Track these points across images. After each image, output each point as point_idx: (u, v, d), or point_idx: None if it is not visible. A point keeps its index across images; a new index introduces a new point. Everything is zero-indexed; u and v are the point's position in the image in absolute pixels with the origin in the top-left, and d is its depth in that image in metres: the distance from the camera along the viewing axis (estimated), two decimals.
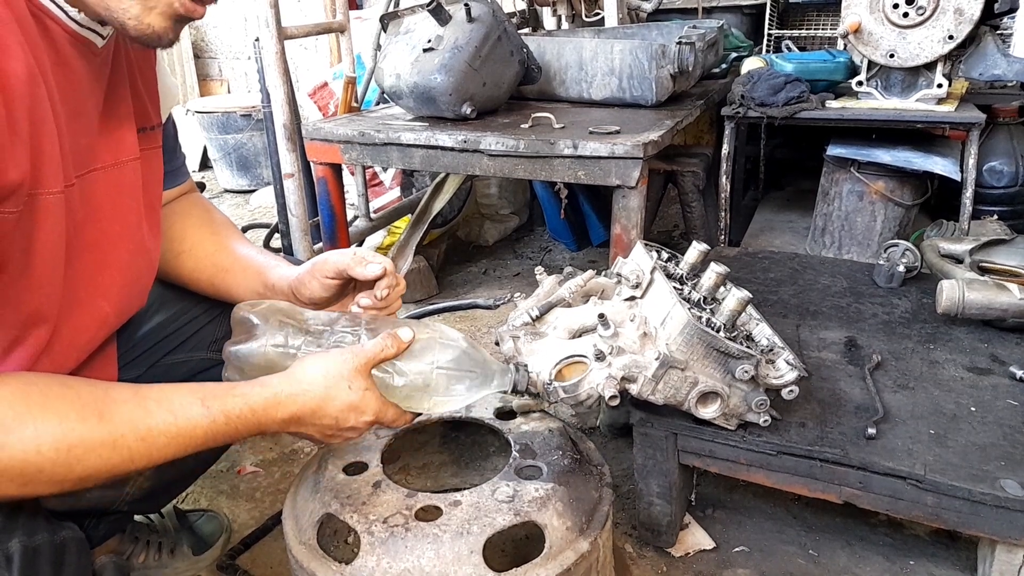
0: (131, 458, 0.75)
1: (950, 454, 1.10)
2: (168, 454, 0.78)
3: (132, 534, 1.31)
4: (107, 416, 0.74)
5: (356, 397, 0.87)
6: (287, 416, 0.85)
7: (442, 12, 1.80)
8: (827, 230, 2.29)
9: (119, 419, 0.75)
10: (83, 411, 0.73)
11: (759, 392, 1.13)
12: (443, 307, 2.35)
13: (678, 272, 1.32)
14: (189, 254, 1.11)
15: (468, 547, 0.91)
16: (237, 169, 4.11)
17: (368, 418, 0.88)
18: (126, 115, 0.91)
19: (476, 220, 3.07)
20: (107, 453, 0.73)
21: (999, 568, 1.08)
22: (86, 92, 0.82)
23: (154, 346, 1.12)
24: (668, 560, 1.32)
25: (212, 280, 1.10)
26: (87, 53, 0.80)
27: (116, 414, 0.75)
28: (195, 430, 0.79)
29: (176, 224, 1.11)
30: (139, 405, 0.77)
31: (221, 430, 0.80)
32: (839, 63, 2.26)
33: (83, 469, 0.72)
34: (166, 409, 0.78)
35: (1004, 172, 2.29)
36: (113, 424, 0.74)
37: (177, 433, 0.78)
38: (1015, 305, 1.39)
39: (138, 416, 0.76)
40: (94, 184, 0.85)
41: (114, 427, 0.74)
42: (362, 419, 0.88)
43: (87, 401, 0.74)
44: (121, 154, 0.90)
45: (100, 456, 0.73)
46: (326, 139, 1.87)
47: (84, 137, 0.82)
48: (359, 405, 0.87)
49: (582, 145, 1.58)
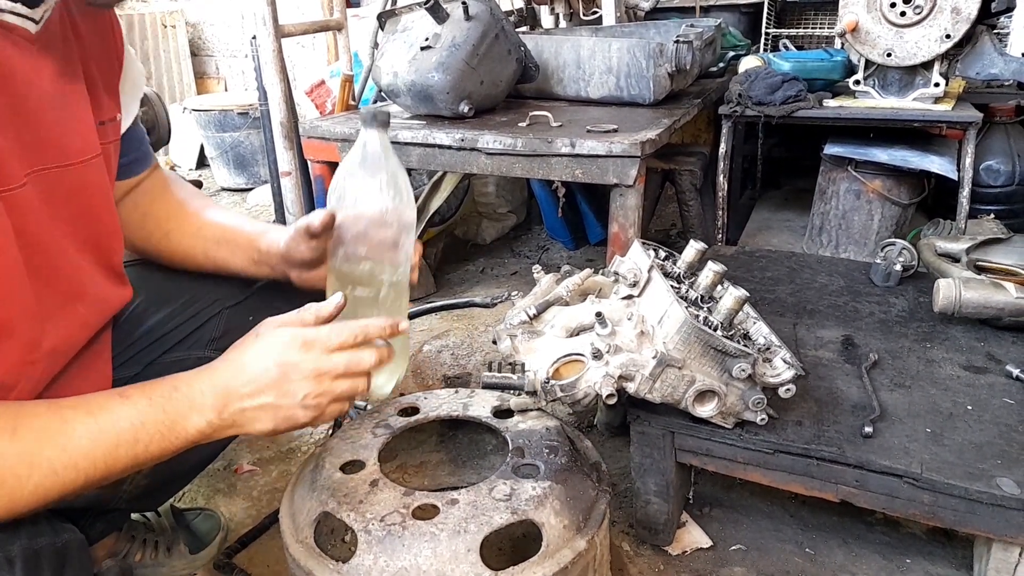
0: (55, 471, 0.72)
1: (947, 452, 1.10)
2: (101, 457, 0.74)
3: (129, 532, 1.31)
4: (19, 433, 0.71)
5: (275, 334, 0.84)
6: (215, 384, 0.82)
7: (440, 10, 1.80)
8: (824, 229, 2.29)
9: (32, 434, 0.71)
10: None
11: (756, 391, 1.13)
12: (440, 305, 2.35)
13: (675, 271, 1.32)
14: (177, 232, 1.12)
15: (465, 545, 0.91)
16: (234, 167, 4.10)
17: (293, 352, 0.83)
18: (82, 109, 0.86)
19: (474, 218, 3.07)
20: (26, 471, 0.70)
21: (995, 566, 1.09)
22: (22, 85, 0.76)
23: (151, 345, 1.11)
24: (665, 558, 1.32)
25: (206, 254, 1.11)
26: (19, 40, 0.75)
27: (29, 429, 0.71)
28: (118, 422, 0.75)
29: (155, 205, 1.12)
30: (54, 415, 0.74)
31: (149, 416, 0.77)
32: (836, 62, 2.27)
33: (7, 491, 0.69)
34: (83, 411, 0.75)
35: (1001, 171, 2.29)
36: (25, 441, 0.71)
37: (99, 431, 0.74)
38: (1011, 304, 1.39)
39: (53, 425, 0.73)
40: (53, 182, 0.80)
41: (26, 443, 0.71)
42: (313, 352, 0.83)
43: None
44: (85, 151, 0.86)
45: (18, 475, 0.70)
46: (323, 137, 1.87)
47: (28, 134, 0.77)
48: (277, 340, 0.84)
49: (580, 144, 1.58)
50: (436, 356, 2.15)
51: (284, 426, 0.85)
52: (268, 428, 0.84)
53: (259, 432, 0.84)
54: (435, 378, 2.03)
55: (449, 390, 1.29)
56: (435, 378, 2.03)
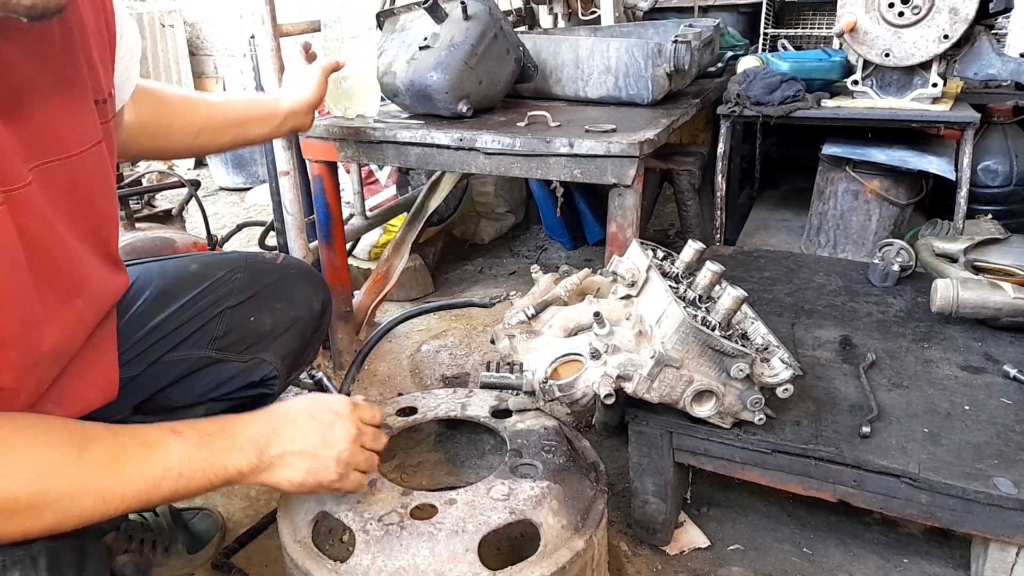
0: (104, 499, 0.76)
1: (944, 452, 1.11)
2: (145, 490, 0.79)
3: (127, 532, 1.31)
4: (83, 457, 0.76)
5: (315, 397, 0.96)
6: (260, 426, 0.89)
7: (438, 10, 1.79)
8: (822, 229, 2.29)
9: (95, 461, 0.76)
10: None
11: (754, 391, 1.13)
12: (438, 305, 2.34)
13: (674, 271, 1.33)
14: (205, 131, 1.26)
15: (463, 545, 0.91)
16: (232, 167, 4.09)
17: (340, 408, 0.95)
18: (81, 97, 0.84)
19: (472, 218, 3.07)
20: (80, 495, 0.75)
21: (992, 566, 1.09)
22: (19, 78, 0.74)
23: (153, 344, 1.11)
24: (663, 558, 1.32)
25: (235, 138, 1.33)
26: (10, 31, 0.72)
27: (92, 454, 0.77)
28: (169, 457, 0.80)
29: (175, 111, 1.22)
30: (115, 443, 0.79)
31: (196, 453, 0.82)
32: (835, 62, 2.27)
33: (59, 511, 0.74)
34: (140, 443, 0.80)
35: (998, 171, 2.29)
36: (87, 466, 0.76)
37: (151, 464, 0.79)
38: (1009, 304, 1.39)
39: (113, 454, 0.78)
40: (54, 175, 0.79)
41: (88, 469, 0.76)
42: (338, 412, 0.94)
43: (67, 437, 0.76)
44: (85, 140, 0.84)
45: (73, 497, 0.75)
46: (322, 137, 1.87)
47: (28, 129, 0.76)
48: (323, 400, 0.96)
49: (578, 143, 1.58)
50: (434, 356, 2.15)
51: (312, 480, 0.90)
52: (298, 479, 0.90)
53: (289, 481, 0.89)
54: (433, 378, 2.03)
55: (447, 390, 1.29)
56: (433, 378, 2.03)
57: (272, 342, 1.20)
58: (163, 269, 1.16)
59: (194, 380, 1.15)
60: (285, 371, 1.24)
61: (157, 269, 1.16)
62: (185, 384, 1.14)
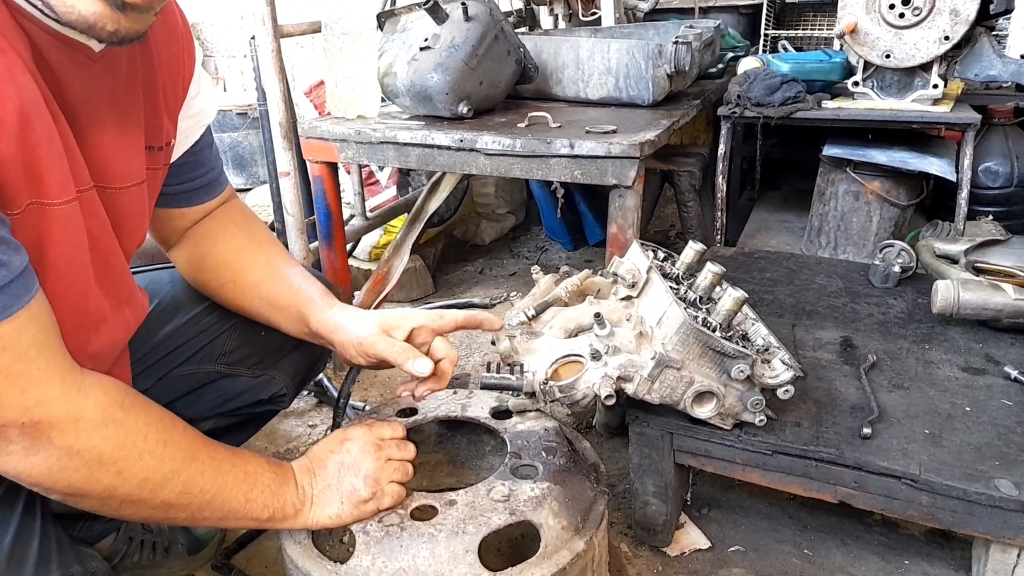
0: (170, 504, 0.82)
1: (945, 454, 1.10)
2: (213, 514, 0.86)
3: (126, 534, 1.31)
4: (199, 457, 0.85)
5: (332, 434, 1.02)
6: (305, 461, 0.97)
7: (439, 11, 1.79)
8: (823, 230, 2.29)
9: (205, 464, 0.85)
10: None
11: (755, 392, 1.13)
12: (439, 306, 2.34)
13: (674, 272, 1.32)
14: (233, 285, 1.09)
15: (463, 546, 0.91)
16: (233, 167, 4.10)
17: (353, 433, 1.01)
18: (134, 134, 0.86)
19: (472, 219, 3.07)
20: (166, 484, 0.81)
21: (993, 567, 1.09)
22: (82, 100, 0.77)
23: (163, 358, 1.11)
24: (664, 559, 1.32)
25: (260, 314, 1.10)
26: (80, 58, 0.75)
27: (205, 459, 0.85)
28: (232, 473, 0.87)
29: (216, 249, 1.09)
30: (223, 458, 0.87)
31: (254, 478, 0.89)
32: (835, 63, 2.27)
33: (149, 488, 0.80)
34: (241, 469, 0.88)
35: (999, 172, 2.29)
36: (199, 464, 0.84)
37: (227, 488, 0.86)
38: (1010, 305, 1.39)
39: (216, 466, 0.87)
40: (94, 201, 0.82)
41: (200, 467, 0.84)
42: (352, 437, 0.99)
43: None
44: (128, 178, 0.86)
45: (154, 487, 0.80)
46: (322, 137, 1.87)
47: (84, 149, 0.78)
48: (337, 433, 1.02)
49: (579, 144, 1.58)
50: None
51: (349, 505, 0.94)
52: (335, 511, 0.94)
53: (328, 516, 0.94)
54: None
55: (448, 391, 1.29)
56: None
57: (282, 359, 1.20)
58: (172, 277, 1.16)
59: (202, 394, 1.15)
60: (294, 389, 1.24)
61: (167, 277, 1.16)
62: (192, 398, 1.14)
